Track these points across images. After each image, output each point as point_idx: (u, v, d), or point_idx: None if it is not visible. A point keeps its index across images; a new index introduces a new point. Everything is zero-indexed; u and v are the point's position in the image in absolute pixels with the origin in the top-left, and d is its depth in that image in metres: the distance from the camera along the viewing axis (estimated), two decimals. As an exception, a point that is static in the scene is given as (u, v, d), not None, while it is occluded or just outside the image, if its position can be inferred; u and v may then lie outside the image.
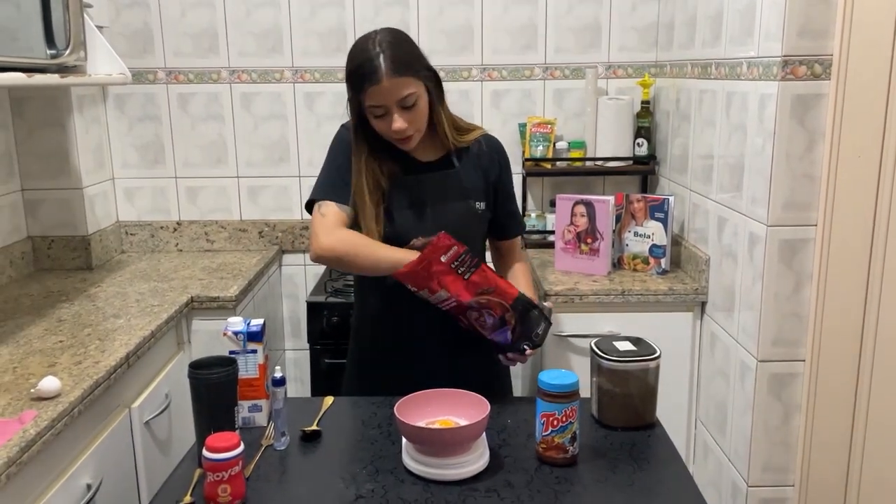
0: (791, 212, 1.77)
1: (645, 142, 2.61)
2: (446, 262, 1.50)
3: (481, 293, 1.53)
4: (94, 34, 2.01)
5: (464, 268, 1.52)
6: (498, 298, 1.54)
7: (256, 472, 1.38)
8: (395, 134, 1.57)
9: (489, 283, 1.53)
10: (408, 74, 1.53)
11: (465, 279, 1.52)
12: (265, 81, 2.72)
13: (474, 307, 1.54)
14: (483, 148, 1.73)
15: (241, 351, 1.51)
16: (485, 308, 1.54)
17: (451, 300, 1.54)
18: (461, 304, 1.54)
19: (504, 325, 1.56)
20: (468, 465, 1.35)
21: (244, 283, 2.35)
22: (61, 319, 1.99)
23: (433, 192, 1.66)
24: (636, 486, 1.36)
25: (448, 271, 1.51)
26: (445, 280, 1.51)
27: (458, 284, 1.52)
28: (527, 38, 2.68)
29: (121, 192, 2.79)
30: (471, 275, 1.52)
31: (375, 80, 1.51)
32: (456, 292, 1.52)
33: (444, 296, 1.53)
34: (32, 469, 1.36)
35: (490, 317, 1.55)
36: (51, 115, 2.44)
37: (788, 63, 1.69)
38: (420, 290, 1.55)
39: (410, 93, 1.54)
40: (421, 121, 1.59)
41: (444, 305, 1.57)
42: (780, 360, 1.85)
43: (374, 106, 1.55)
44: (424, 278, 1.52)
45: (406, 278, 1.53)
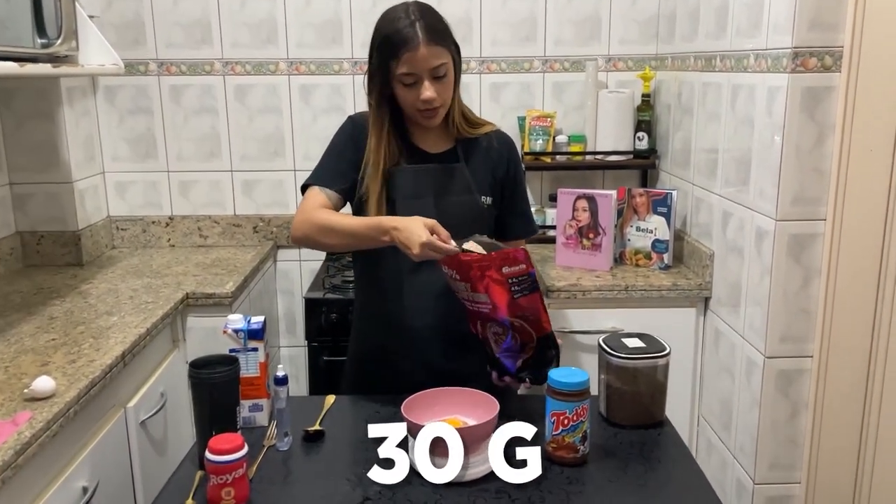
0: (800, 206, 1.75)
1: (645, 135, 2.59)
2: (507, 273, 1.41)
3: (519, 316, 1.45)
4: (85, 24, 1.96)
5: (518, 288, 1.42)
6: (531, 328, 1.45)
7: (259, 474, 1.34)
8: (424, 104, 1.55)
9: (532, 313, 1.45)
10: (442, 45, 1.53)
11: (514, 298, 1.42)
12: (259, 73, 2.67)
13: (505, 324, 1.46)
14: (493, 143, 1.71)
15: (242, 349, 1.47)
16: (514, 330, 1.46)
17: (485, 306, 1.46)
18: (491, 316, 1.46)
19: (521, 353, 1.49)
20: (477, 465, 1.32)
21: (240, 279, 2.30)
22: (53, 317, 1.94)
23: (439, 183, 1.62)
24: (649, 486, 1.34)
25: (502, 283, 1.42)
26: (494, 289, 1.42)
27: (503, 299, 1.43)
28: (526, 30, 2.65)
29: (111, 186, 2.73)
30: (521, 297, 1.43)
31: (413, 45, 1.50)
32: (496, 304, 1.43)
33: (482, 300, 1.45)
34: (27, 473, 1.31)
35: (512, 340, 1.48)
36: (40, 107, 2.38)
37: (799, 55, 1.67)
38: (459, 281, 1.46)
39: (443, 62, 1.53)
40: (448, 94, 1.58)
41: (471, 305, 1.49)
42: (788, 356, 1.83)
43: (406, 74, 1.52)
44: (476, 275, 1.43)
45: (458, 265, 1.44)
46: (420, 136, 1.66)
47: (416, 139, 1.66)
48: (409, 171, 1.61)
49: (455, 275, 1.46)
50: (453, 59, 1.58)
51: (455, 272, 1.45)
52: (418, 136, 1.66)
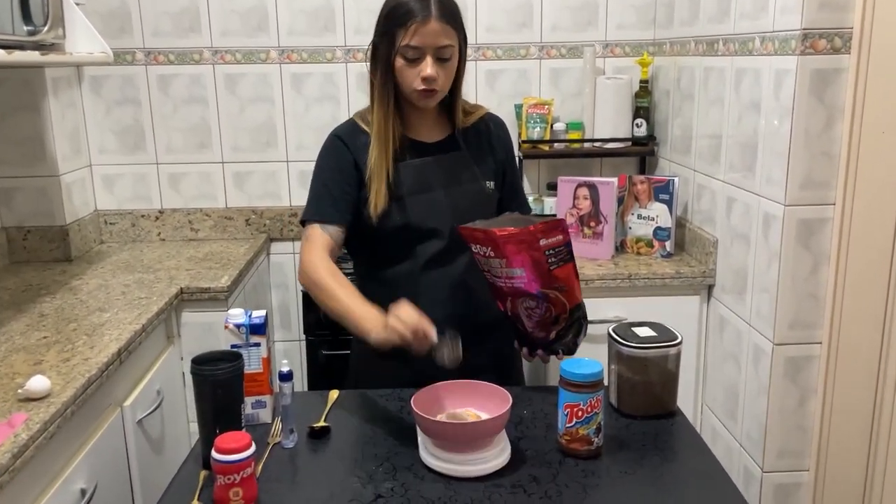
0: (809, 191, 1.72)
1: (644, 122, 2.56)
2: (544, 245, 1.40)
3: (555, 288, 1.44)
4: (72, 11, 1.89)
5: (555, 259, 1.42)
6: (564, 298, 1.45)
7: (266, 473, 1.30)
8: (423, 83, 1.50)
9: (567, 283, 1.45)
10: (452, 25, 1.50)
11: (550, 270, 1.42)
12: (250, 62, 2.60)
13: (539, 297, 1.45)
14: (490, 127, 1.68)
15: (244, 344, 1.43)
16: (548, 302, 1.45)
17: (519, 280, 1.44)
18: (527, 289, 1.44)
19: (554, 325, 1.48)
20: (490, 459, 1.29)
21: (235, 272, 2.25)
22: (43, 314, 1.88)
23: (445, 174, 1.58)
24: (666, 478, 1.31)
25: (540, 255, 1.40)
26: (531, 261, 1.41)
27: (539, 271, 1.42)
28: (522, 15, 2.60)
29: (99, 179, 2.66)
30: (556, 268, 1.43)
31: (425, 17, 1.46)
32: (533, 277, 1.42)
33: (518, 274, 1.42)
34: (24, 476, 1.26)
35: (546, 311, 1.46)
36: (24, 99, 2.31)
37: (808, 36, 1.64)
38: (493, 258, 1.43)
39: (450, 44, 1.50)
40: (448, 80, 1.54)
41: (504, 282, 1.47)
42: (797, 342, 1.81)
43: (411, 46, 1.47)
44: (513, 250, 1.41)
45: (494, 242, 1.41)
46: (416, 126, 1.61)
47: (412, 131, 1.61)
48: (414, 165, 1.57)
49: (489, 252, 1.44)
50: (460, 46, 1.53)
51: (490, 249, 1.43)
52: (415, 126, 1.61)
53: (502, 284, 1.47)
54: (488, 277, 1.50)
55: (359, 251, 1.69)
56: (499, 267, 1.45)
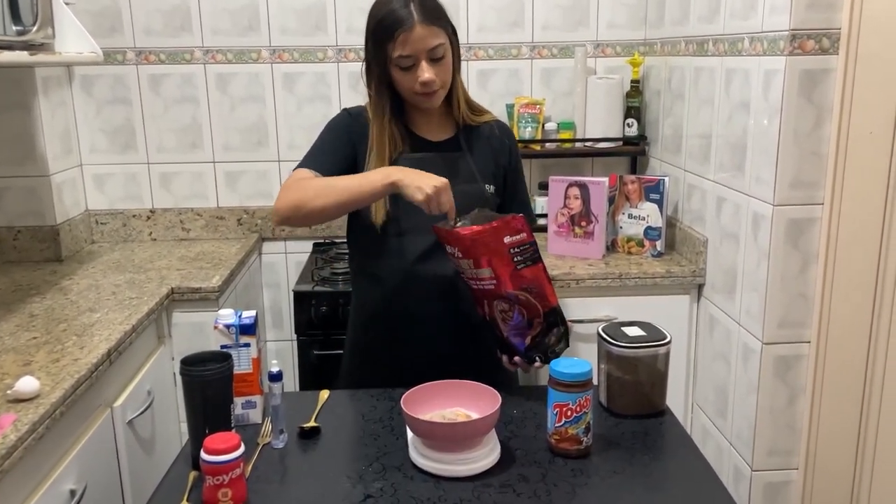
0: (798, 191, 1.73)
1: (635, 122, 2.56)
2: (508, 244, 1.41)
3: (524, 289, 1.44)
4: (62, 10, 1.89)
5: (521, 258, 1.42)
6: (536, 302, 1.45)
7: (256, 473, 1.30)
8: (423, 87, 1.51)
9: (537, 284, 1.44)
10: (438, 25, 1.51)
11: (517, 269, 1.42)
12: (241, 62, 2.60)
13: (510, 299, 1.45)
14: (495, 132, 1.70)
15: (234, 345, 1.43)
16: (519, 305, 1.45)
17: (489, 282, 1.44)
18: (496, 291, 1.45)
19: (528, 329, 1.48)
20: (480, 459, 1.29)
21: (226, 272, 2.24)
22: (33, 314, 1.87)
23: (444, 172, 1.59)
24: (654, 476, 1.32)
25: (504, 254, 1.41)
26: (496, 261, 1.41)
27: (506, 271, 1.42)
28: (513, 15, 2.61)
29: (90, 179, 2.65)
30: (524, 268, 1.43)
31: (408, 25, 1.47)
32: (500, 277, 1.43)
33: (486, 275, 1.43)
34: (13, 478, 1.26)
35: (519, 315, 1.46)
36: (14, 98, 2.30)
37: (797, 37, 1.65)
38: (462, 259, 1.45)
39: (440, 43, 1.51)
40: (447, 75, 1.55)
41: (476, 284, 1.47)
42: (786, 341, 1.82)
43: (403, 56, 1.49)
44: (478, 250, 1.41)
45: (459, 240, 1.42)
46: (421, 124, 1.63)
47: (417, 128, 1.63)
48: (413, 160, 1.58)
49: (457, 252, 1.45)
50: (450, 40, 1.55)
51: (457, 249, 1.44)
52: (420, 124, 1.63)
53: (476, 287, 1.48)
54: (464, 280, 1.51)
55: (353, 246, 1.71)
56: (469, 268, 1.46)
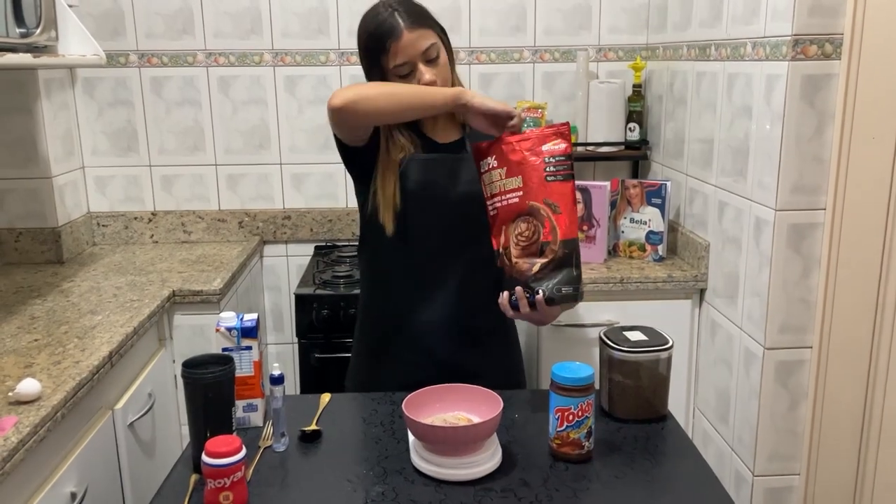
0: (800, 195, 1.73)
1: (637, 126, 2.56)
2: (546, 152, 1.38)
3: (548, 204, 1.39)
4: (65, 13, 1.89)
5: (554, 169, 1.39)
6: (556, 222, 1.39)
7: (257, 476, 1.30)
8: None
9: (562, 202, 1.39)
10: (425, 26, 1.53)
11: (546, 180, 1.38)
12: (243, 64, 2.60)
13: (532, 214, 1.40)
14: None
15: (235, 348, 1.43)
16: (537, 222, 1.40)
17: (515, 195, 1.41)
18: (520, 205, 1.41)
19: (539, 256, 1.41)
20: (481, 463, 1.29)
21: (228, 275, 2.25)
22: (34, 316, 1.87)
23: (449, 172, 1.59)
24: (656, 481, 1.32)
25: (539, 161, 1.38)
26: (529, 167, 1.39)
27: (536, 179, 1.39)
28: (515, 19, 2.61)
29: (91, 181, 2.66)
30: (555, 181, 1.39)
31: (397, 34, 1.49)
32: (529, 185, 1.39)
33: (514, 185, 1.40)
34: (14, 480, 1.26)
35: (536, 235, 1.40)
36: (16, 100, 2.30)
37: (799, 42, 1.65)
38: (495, 170, 1.43)
39: (432, 43, 1.53)
40: (445, 74, 1.56)
41: (501, 201, 1.44)
42: (788, 347, 1.82)
43: (398, 65, 1.51)
44: (516, 157, 1.39)
45: (499, 149, 1.41)
46: (429, 126, 1.64)
47: (425, 129, 1.64)
48: (420, 161, 1.59)
49: (493, 162, 1.43)
50: (441, 39, 1.57)
51: (493, 158, 1.43)
52: (428, 126, 1.64)
53: (499, 205, 1.45)
54: (488, 208, 1.48)
55: (363, 247, 1.71)
56: (499, 180, 1.43)
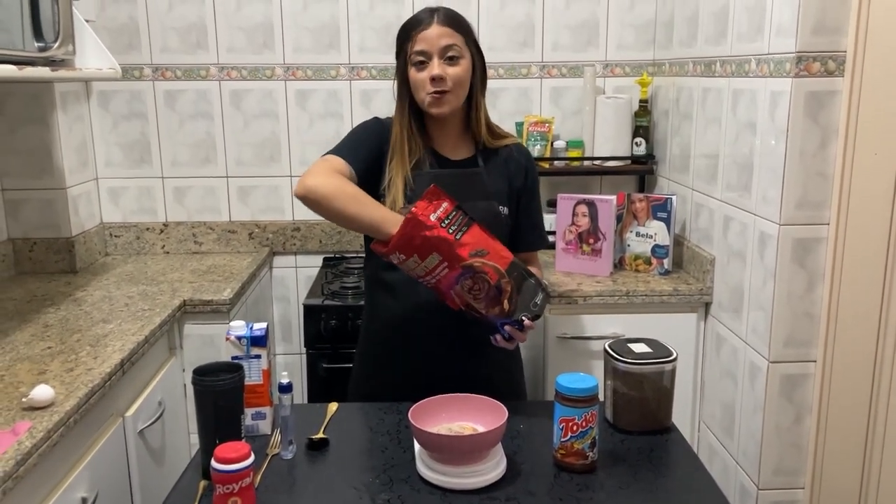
0: (804, 210, 1.75)
1: (643, 141, 2.59)
2: (436, 220, 1.40)
3: (475, 254, 1.42)
4: (82, 27, 1.93)
5: (455, 226, 1.42)
6: (492, 262, 1.43)
7: (264, 483, 1.32)
8: (433, 84, 1.56)
9: (482, 245, 1.43)
10: (455, 28, 1.59)
11: (457, 239, 1.41)
12: (255, 78, 2.65)
13: (468, 272, 1.43)
14: (513, 154, 1.73)
15: (245, 356, 1.46)
16: (479, 273, 1.43)
17: (442, 267, 1.43)
18: (452, 272, 1.43)
19: (500, 295, 1.45)
20: (486, 472, 1.31)
21: (238, 285, 2.27)
22: (48, 325, 1.90)
23: (457, 188, 1.62)
24: (660, 493, 1.33)
25: (438, 231, 1.40)
26: (435, 241, 1.40)
27: (448, 246, 1.41)
28: (523, 35, 2.65)
29: (105, 192, 2.70)
30: (462, 234, 1.42)
31: (425, 25, 1.58)
32: (446, 255, 1.41)
33: (435, 261, 1.42)
34: (27, 483, 1.28)
35: (485, 283, 1.43)
36: (33, 112, 2.35)
37: (802, 59, 1.67)
38: (408, 259, 1.43)
39: (454, 43, 1.58)
40: (458, 82, 1.59)
41: (434, 279, 1.46)
42: (792, 360, 1.83)
43: (418, 52, 1.57)
44: (414, 243, 1.41)
45: (395, 245, 1.41)
46: (441, 142, 1.68)
47: (437, 145, 1.67)
48: (430, 175, 1.62)
49: (400, 256, 1.43)
50: (471, 51, 1.61)
51: (398, 253, 1.43)
52: (440, 142, 1.68)
53: (433, 282, 1.46)
54: (424, 284, 1.49)
55: (369, 256, 1.72)
56: (417, 266, 1.44)
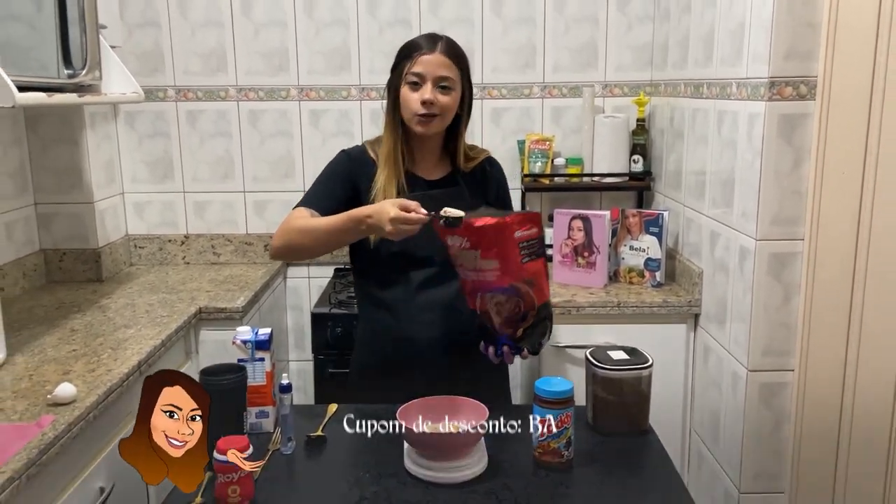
0: (779, 226, 1.84)
1: (640, 158, 2.68)
2: (518, 238, 1.46)
3: (525, 281, 1.49)
4: (108, 54, 2.08)
5: (528, 252, 1.47)
6: (534, 295, 1.50)
7: (265, 475, 1.42)
8: (423, 106, 1.65)
9: (536, 278, 1.49)
10: (455, 62, 1.67)
11: (522, 262, 1.47)
12: (271, 99, 2.79)
13: (510, 291, 1.49)
14: (486, 168, 1.83)
15: (250, 359, 1.56)
16: (518, 297, 1.49)
17: (492, 273, 1.48)
18: (497, 283, 1.49)
19: (521, 322, 1.52)
20: (468, 468, 1.40)
21: (250, 294, 2.41)
22: (74, 329, 2.05)
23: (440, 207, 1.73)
24: (629, 490, 1.42)
25: (513, 247, 1.46)
26: (504, 252, 1.46)
27: (512, 263, 1.46)
28: (525, 57, 2.76)
29: (130, 206, 2.86)
30: (529, 261, 1.48)
31: (428, 50, 1.66)
32: (505, 269, 1.47)
33: (490, 266, 1.48)
34: (50, 471, 1.41)
35: (517, 307, 1.50)
36: (64, 132, 2.51)
37: (775, 84, 1.77)
38: (469, 250, 1.48)
39: (450, 76, 1.66)
40: (447, 111, 1.68)
41: (476, 276, 1.51)
42: (770, 369, 1.91)
43: (414, 73, 1.65)
44: (490, 240, 1.46)
45: (472, 232, 1.46)
46: (418, 164, 1.77)
47: (413, 167, 1.76)
48: (416, 196, 1.71)
49: (465, 243, 1.49)
50: (462, 85, 1.70)
51: (466, 240, 1.48)
52: (416, 164, 1.77)
53: (474, 278, 1.52)
54: (461, 273, 1.55)
55: (359, 275, 1.83)
56: (473, 259, 1.49)
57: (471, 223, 1.47)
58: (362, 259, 1.77)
